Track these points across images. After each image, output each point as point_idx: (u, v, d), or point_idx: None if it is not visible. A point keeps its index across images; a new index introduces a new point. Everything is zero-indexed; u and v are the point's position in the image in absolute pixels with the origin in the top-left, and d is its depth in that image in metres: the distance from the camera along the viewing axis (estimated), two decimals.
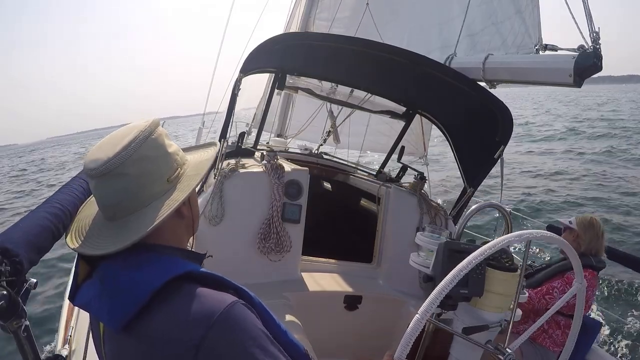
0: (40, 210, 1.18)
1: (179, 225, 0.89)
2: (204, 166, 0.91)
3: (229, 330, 0.70)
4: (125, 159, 0.79)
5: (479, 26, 3.08)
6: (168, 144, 0.87)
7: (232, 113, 2.67)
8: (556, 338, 2.45)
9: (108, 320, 0.76)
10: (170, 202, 0.82)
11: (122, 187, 0.80)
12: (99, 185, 0.81)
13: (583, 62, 2.02)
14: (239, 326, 0.72)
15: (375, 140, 4.76)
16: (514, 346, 1.25)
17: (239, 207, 2.44)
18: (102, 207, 0.85)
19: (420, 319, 0.97)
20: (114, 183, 0.79)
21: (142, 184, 0.81)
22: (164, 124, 0.89)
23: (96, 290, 0.79)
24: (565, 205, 9.29)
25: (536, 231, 1.16)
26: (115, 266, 0.79)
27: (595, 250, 2.61)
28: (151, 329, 0.72)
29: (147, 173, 0.81)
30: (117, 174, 0.79)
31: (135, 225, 0.80)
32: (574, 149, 16.47)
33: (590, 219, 2.68)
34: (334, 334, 2.53)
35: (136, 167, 0.80)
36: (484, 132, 2.65)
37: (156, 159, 0.83)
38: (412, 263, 1.77)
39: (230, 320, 0.71)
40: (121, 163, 0.78)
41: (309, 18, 4.88)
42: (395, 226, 2.80)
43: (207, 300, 0.73)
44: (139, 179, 0.80)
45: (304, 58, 2.86)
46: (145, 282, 0.74)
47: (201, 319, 0.70)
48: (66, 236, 0.90)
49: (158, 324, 0.72)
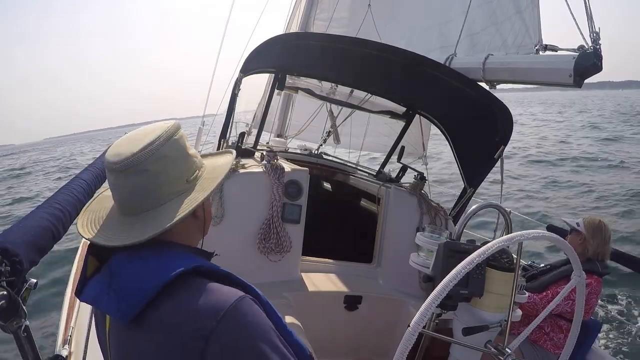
0: (40, 210, 1.18)
1: (193, 226, 0.90)
2: (222, 170, 0.93)
3: (237, 324, 0.72)
4: (148, 157, 0.80)
5: (479, 26, 3.08)
6: (188, 146, 0.89)
7: (232, 113, 2.67)
8: (557, 341, 2.42)
9: (117, 313, 0.76)
10: (190, 201, 0.84)
11: (142, 184, 0.81)
12: (120, 179, 0.81)
13: (583, 62, 2.01)
14: (247, 320, 0.73)
15: (375, 141, 4.76)
16: (514, 346, 1.25)
17: (239, 207, 2.44)
18: (120, 201, 0.85)
19: (412, 331, 0.98)
20: (134, 179, 0.80)
21: (162, 182, 0.83)
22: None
23: (105, 284, 0.79)
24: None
25: (535, 231, 1.16)
26: (127, 260, 0.80)
27: (602, 256, 2.51)
28: (160, 322, 0.73)
29: (168, 172, 0.83)
30: (139, 171, 0.80)
31: (153, 221, 0.81)
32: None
33: (599, 222, 2.55)
34: (334, 334, 2.53)
35: (158, 165, 0.81)
36: (484, 132, 2.65)
37: (177, 159, 0.85)
38: (412, 263, 1.77)
39: (239, 313, 0.72)
40: (144, 160, 0.80)
41: (309, 18, 4.88)
42: (395, 226, 2.80)
43: (216, 294, 0.74)
44: (159, 176, 0.82)
45: (304, 58, 2.86)
46: (155, 275, 0.75)
47: (211, 311, 0.71)
48: (78, 225, 0.90)
49: (167, 316, 0.73)
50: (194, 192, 0.87)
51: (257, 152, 2.90)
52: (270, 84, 3.07)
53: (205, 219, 0.93)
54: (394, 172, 3.36)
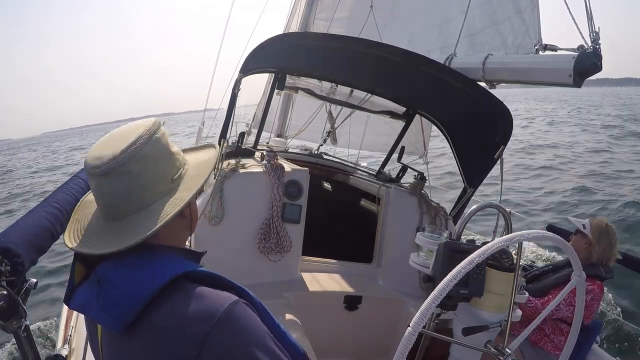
0: (39, 210, 1.18)
1: (180, 225, 0.88)
2: (206, 167, 0.91)
3: (231, 329, 0.71)
4: (131, 157, 0.77)
5: (479, 26, 3.08)
6: (170, 143, 0.87)
7: (232, 113, 2.67)
8: (558, 343, 2.40)
9: (107, 321, 0.74)
10: (175, 201, 0.82)
11: (125, 186, 0.78)
12: (102, 184, 0.78)
13: (583, 62, 2.01)
14: (241, 324, 0.72)
15: (375, 140, 4.76)
16: (514, 346, 1.25)
17: (239, 207, 2.44)
18: (103, 207, 0.82)
19: (412, 331, 0.97)
20: (117, 182, 0.77)
21: (147, 182, 0.80)
22: (164, 123, 0.89)
23: (94, 292, 0.77)
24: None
25: (535, 231, 1.16)
26: (114, 266, 0.77)
27: (607, 260, 2.44)
28: (152, 329, 0.72)
29: (152, 172, 0.80)
30: (122, 172, 0.77)
31: (139, 225, 0.78)
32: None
33: (606, 226, 2.47)
34: (334, 334, 2.53)
35: (141, 165, 0.78)
36: (484, 132, 2.65)
37: (159, 158, 0.82)
38: (412, 263, 1.77)
39: (232, 318, 0.72)
40: (127, 161, 0.77)
41: (309, 18, 4.88)
42: (395, 226, 2.80)
43: (209, 299, 0.73)
44: (143, 177, 0.79)
45: (304, 58, 2.86)
46: (147, 282, 0.73)
47: (204, 317, 0.70)
48: (65, 236, 0.88)
49: (160, 322, 0.72)
50: (178, 191, 0.84)
51: (257, 152, 2.89)
52: (270, 84, 3.07)
53: (192, 217, 0.91)
54: (394, 172, 3.36)
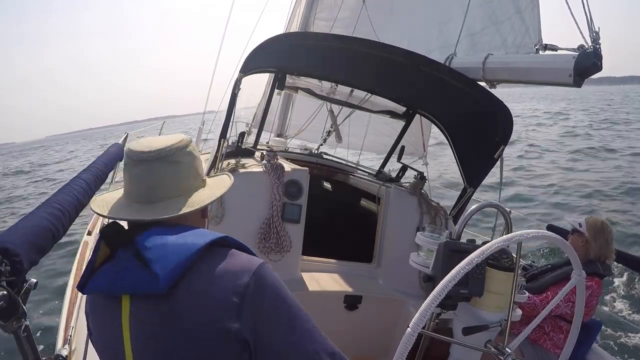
0: (40, 210, 1.18)
1: (199, 224, 0.98)
2: (226, 181, 1.06)
3: (266, 281, 0.85)
4: (179, 150, 0.92)
5: (479, 26, 3.08)
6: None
7: (232, 113, 2.67)
8: (557, 341, 2.41)
9: (153, 283, 0.78)
10: (213, 192, 0.97)
11: (174, 171, 0.91)
12: (152, 167, 0.89)
13: (583, 62, 2.01)
14: (273, 278, 0.87)
15: (375, 140, 4.76)
16: (514, 346, 1.25)
17: (239, 207, 2.44)
18: (145, 188, 0.90)
19: (412, 331, 0.97)
20: (167, 166, 0.90)
21: (189, 174, 0.94)
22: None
23: (126, 266, 0.82)
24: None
25: (535, 231, 1.16)
26: (156, 235, 0.84)
27: (604, 257, 2.49)
28: (196, 285, 0.81)
29: (193, 167, 0.95)
30: (172, 161, 0.91)
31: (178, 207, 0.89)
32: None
33: (602, 224, 2.52)
34: (334, 334, 2.52)
35: (187, 159, 0.94)
36: (484, 132, 2.65)
37: (197, 159, 0.98)
38: (412, 263, 1.77)
39: (265, 273, 0.86)
40: (176, 152, 0.91)
41: (309, 18, 4.88)
42: (395, 226, 2.80)
43: (243, 258, 0.87)
44: (188, 168, 0.94)
45: (304, 58, 2.86)
46: (190, 245, 0.82)
47: (242, 271, 0.83)
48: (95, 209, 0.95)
49: (202, 279, 0.81)
50: (210, 188, 1.00)
51: (257, 152, 2.89)
52: (270, 83, 3.07)
53: (208, 219, 1.02)
54: (394, 172, 3.36)
